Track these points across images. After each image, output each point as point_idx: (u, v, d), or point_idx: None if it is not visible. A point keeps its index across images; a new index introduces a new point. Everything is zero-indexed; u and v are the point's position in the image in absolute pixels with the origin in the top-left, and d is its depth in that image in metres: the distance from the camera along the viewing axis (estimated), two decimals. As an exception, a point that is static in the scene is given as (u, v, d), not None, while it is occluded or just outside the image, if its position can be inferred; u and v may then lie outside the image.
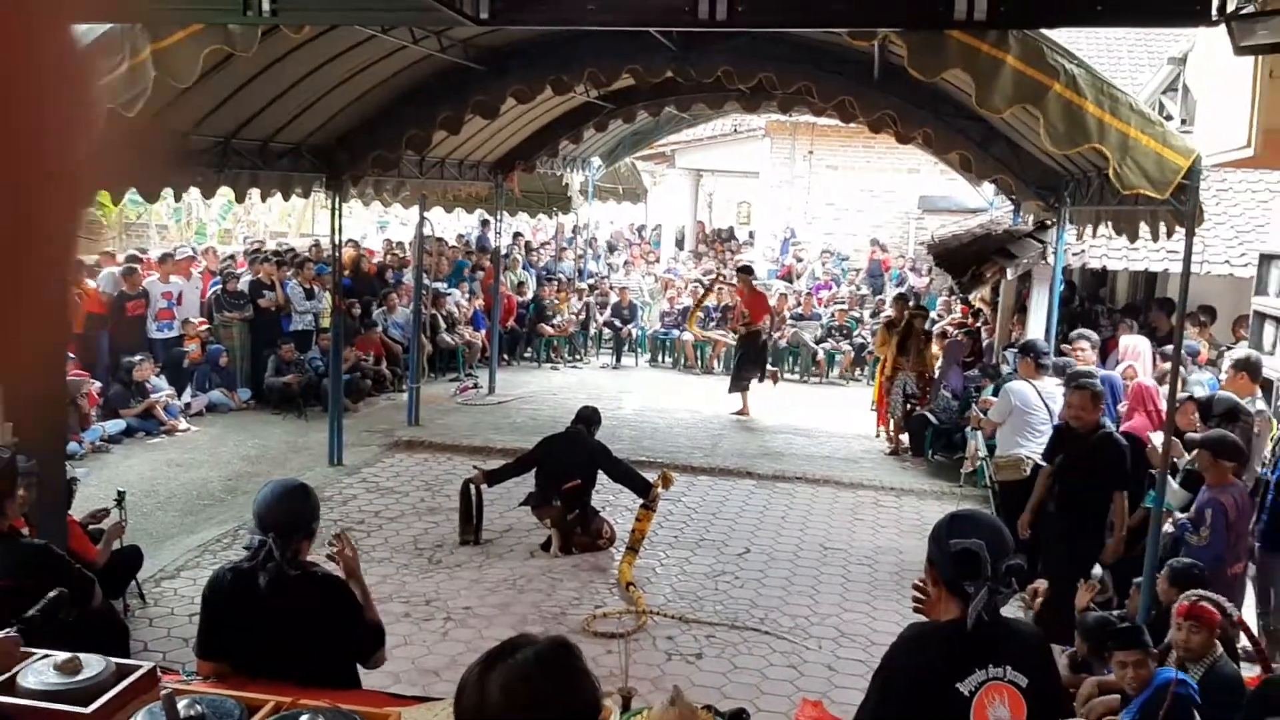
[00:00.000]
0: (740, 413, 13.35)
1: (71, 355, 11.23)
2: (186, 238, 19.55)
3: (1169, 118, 10.45)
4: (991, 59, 5.16)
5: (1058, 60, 5.19)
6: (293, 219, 22.93)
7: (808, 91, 9.31)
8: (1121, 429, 7.66)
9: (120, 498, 6.67)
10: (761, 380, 13.63)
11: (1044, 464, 7.35)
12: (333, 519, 8.94)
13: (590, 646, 6.64)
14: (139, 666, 3.13)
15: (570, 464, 8.23)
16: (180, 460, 10.52)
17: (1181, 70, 10.66)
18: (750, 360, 13.51)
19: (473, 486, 8.46)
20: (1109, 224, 7.79)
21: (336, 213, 10.26)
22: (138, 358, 11.68)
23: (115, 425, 11.04)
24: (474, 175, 13.40)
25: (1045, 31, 5.30)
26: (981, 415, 8.46)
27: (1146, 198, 5.79)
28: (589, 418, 8.61)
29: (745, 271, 14.03)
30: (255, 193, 9.77)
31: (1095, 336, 8.76)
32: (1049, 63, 5.18)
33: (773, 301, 16.93)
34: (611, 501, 9.28)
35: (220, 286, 13.38)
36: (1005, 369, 10.12)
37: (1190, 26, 5.96)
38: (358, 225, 26.45)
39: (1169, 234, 6.56)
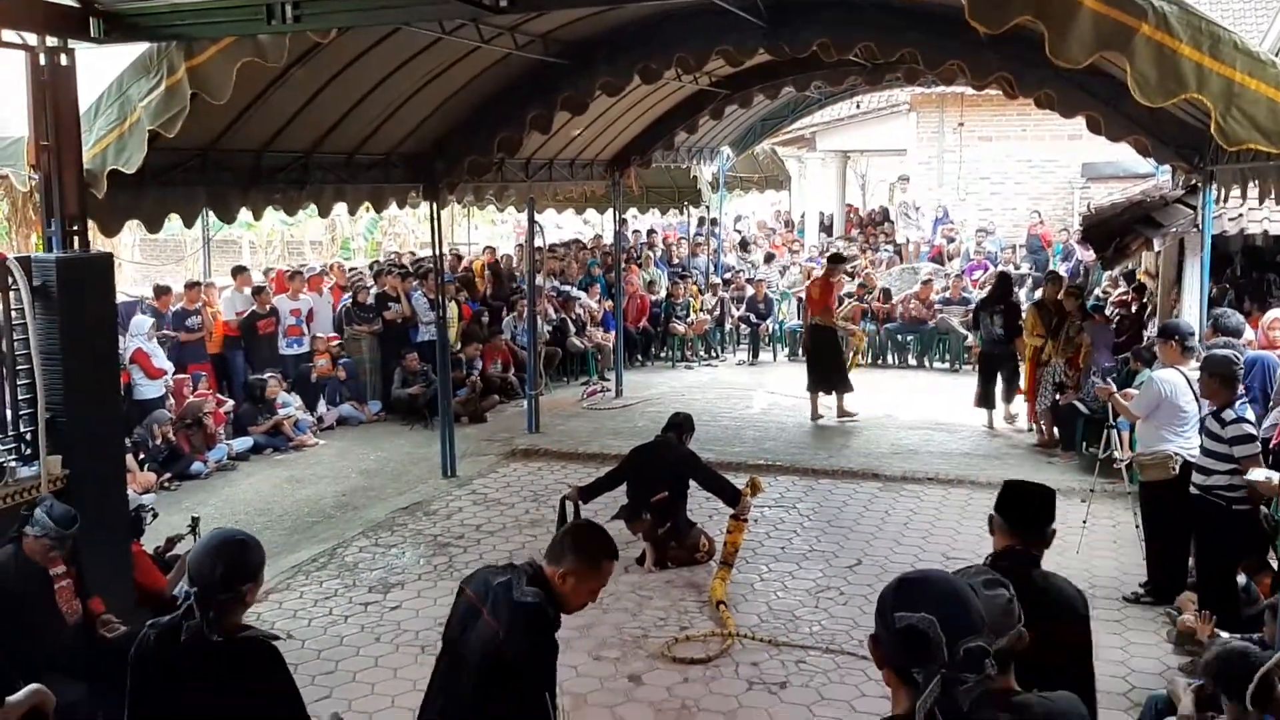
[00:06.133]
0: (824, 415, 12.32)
1: (204, 375, 11.59)
2: (334, 253, 20.08)
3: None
4: (1064, 1, 4.41)
5: (1145, -4, 4.39)
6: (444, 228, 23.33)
7: (912, 58, 8.55)
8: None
9: (194, 524, 6.62)
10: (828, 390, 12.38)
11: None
12: (433, 533, 8.81)
13: (668, 674, 6.21)
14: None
15: (658, 474, 7.77)
16: (300, 476, 10.60)
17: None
18: (816, 359, 12.50)
19: (569, 503, 8.10)
20: (1254, 183, 6.74)
21: (436, 221, 10.11)
22: (267, 374, 11.92)
23: (243, 443, 11.25)
24: (587, 174, 13.10)
25: (1130, -37, 4.50)
26: (1113, 389, 7.53)
27: (1282, 152, 4.87)
28: (680, 424, 8.12)
29: (834, 260, 13.06)
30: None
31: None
32: (1134, 0, 4.38)
33: (915, 288, 16.06)
34: (721, 510, 8.74)
35: (351, 300, 13.54)
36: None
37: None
38: (507, 232, 26.73)
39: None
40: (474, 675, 3.23)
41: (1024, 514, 3.45)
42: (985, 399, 11.90)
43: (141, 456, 9.85)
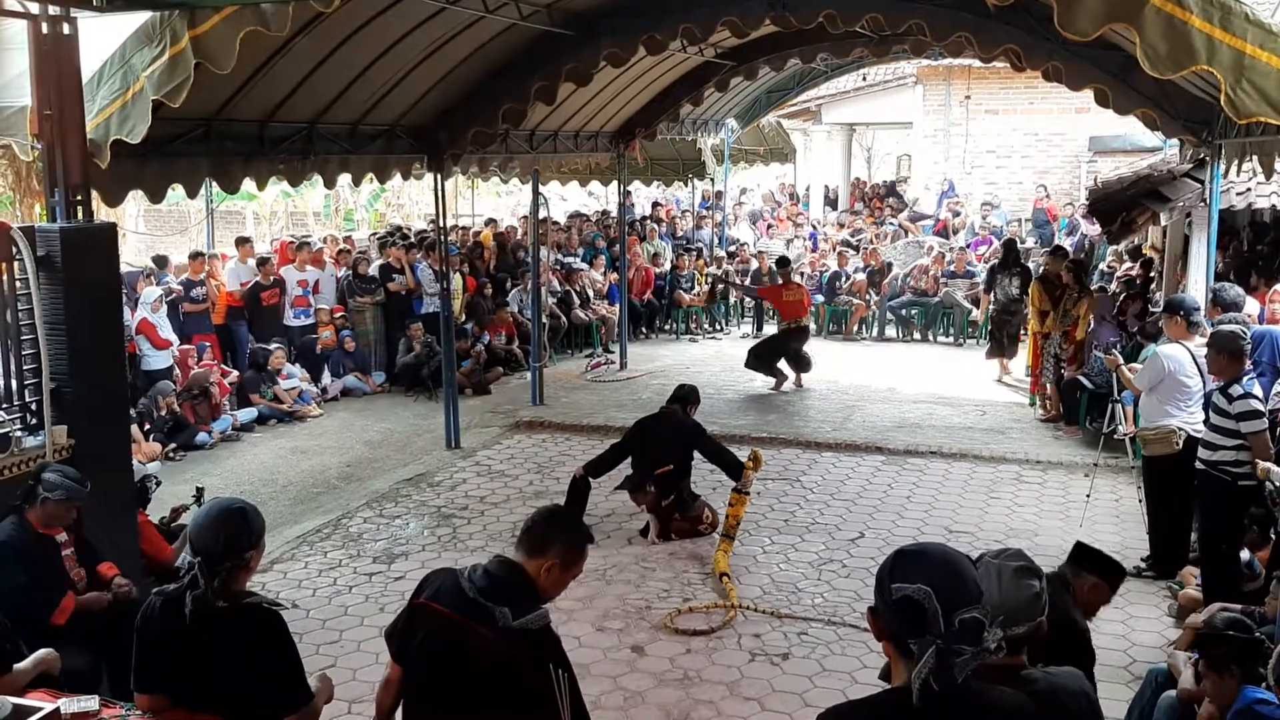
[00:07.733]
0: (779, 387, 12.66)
1: (209, 345, 11.60)
2: (337, 224, 20.03)
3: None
4: (1074, -29, 4.38)
5: (1155, -33, 4.35)
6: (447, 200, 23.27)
7: (920, 30, 8.47)
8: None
9: (199, 494, 6.64)
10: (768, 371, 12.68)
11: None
12: (438, 504, 8.84)
13: (671, 645, 6.25)
14: (39, 708, 2.91)
15: (663, 446, 7.78)
16: (305, 447, 10.64)
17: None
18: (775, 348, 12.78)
19: (579, 483, 8.08)
20: (1253, 158, 6.70)
21: (439, 193, 10.08)
22: (273, 345, 11.93)
23: (247, 414, 11.27)
24: (592, 146, 13.05)
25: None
26: (1120, 360, 7.51)
27: (1289, 125, 4.84)
28: (685, 396, 8.13)
29: (783, 264, 13.46)
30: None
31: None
32: (1144, -29, 4.34)
33: (921, 261, 16.04)
34: (725, 483, 8.75)
35: (351, 272, 13.52)
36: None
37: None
38: (513, 203, 26.63)
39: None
40: (497, 695, 3.14)
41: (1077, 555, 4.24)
42: (998, 351, 12.91)
43: (147, 427, 9.88)
